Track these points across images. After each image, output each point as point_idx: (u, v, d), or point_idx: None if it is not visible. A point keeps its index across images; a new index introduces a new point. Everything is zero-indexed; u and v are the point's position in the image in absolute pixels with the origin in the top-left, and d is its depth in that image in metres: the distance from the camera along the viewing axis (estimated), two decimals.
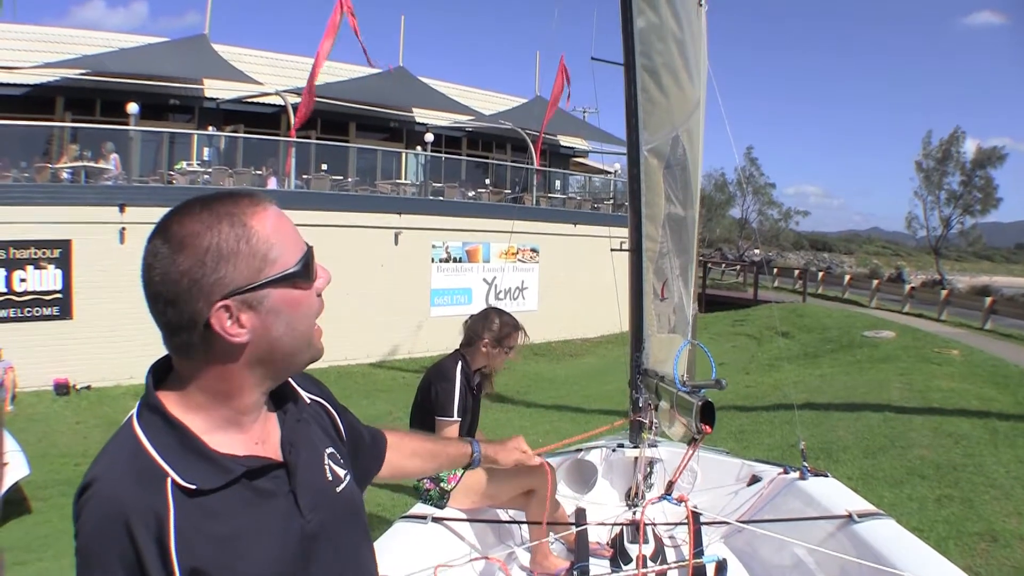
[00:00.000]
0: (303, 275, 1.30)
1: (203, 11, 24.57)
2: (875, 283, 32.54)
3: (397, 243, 21.72)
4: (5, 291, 15.97)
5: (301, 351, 1.33)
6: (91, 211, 16.92)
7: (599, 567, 3.66)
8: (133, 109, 19.02)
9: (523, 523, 4.04)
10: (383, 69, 25.64)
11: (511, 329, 4.28)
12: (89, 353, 16.45)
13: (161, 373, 1.33)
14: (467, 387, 4.18)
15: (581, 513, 4.11)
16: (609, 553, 3.84)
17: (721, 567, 3.53)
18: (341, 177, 22.59)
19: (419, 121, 27.77)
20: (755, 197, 58.25)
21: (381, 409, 14.44)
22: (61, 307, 16.58)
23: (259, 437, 1.34)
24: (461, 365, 4.19)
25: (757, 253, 53.84)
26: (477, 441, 2.25)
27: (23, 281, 16.15)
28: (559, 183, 30.61)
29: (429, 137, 25.24)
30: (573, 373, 20.75)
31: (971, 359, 16.43)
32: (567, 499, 4.35)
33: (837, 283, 35.08)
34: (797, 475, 4.16)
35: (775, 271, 39.25)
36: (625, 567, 3.64)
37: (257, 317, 1.26)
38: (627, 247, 4.36)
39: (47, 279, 16.42)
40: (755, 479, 4.37)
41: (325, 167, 22.15)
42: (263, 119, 24.41)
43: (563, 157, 34.19)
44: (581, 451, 4.65)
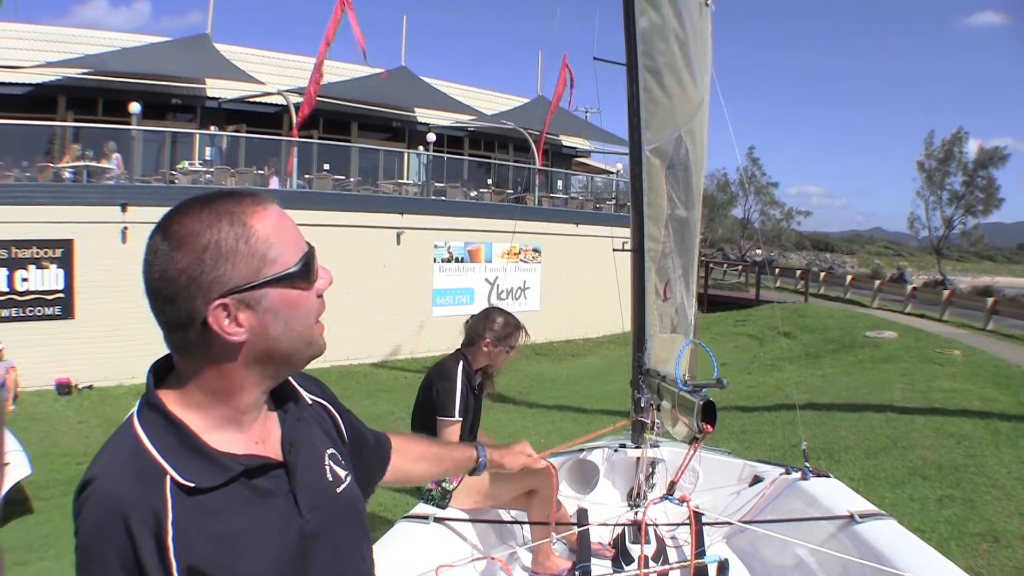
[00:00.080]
0: (302, 276, 1.30)
1: (205, 10, 24.58)
2: (877, 283, 32.51)
3: (399, 243, 21.72)
4: (7, 291, 15.97)
5: (300, 350, 1.33)
6: (93, 211, 16.91)
7: (601, 567, 3.66)
8: (135, 108, 19.01)
9: (525, 523, 4.04)
10: (379, 69, 25.64)
11: (512, 328, 4.28)
12: (91, 353, 16.45)
13: (162, 372, 1.33)
14: (468, 387, 4.18)
15: (583, 513, 4.11)
16: (611, 553, 3.84)
17: (723, 567, 3.53)
18: (343, 177, 22.58)
19: (421, 121, 27.75)
20: (757, 197, 58.19)
21: (383, 409, 14.44)
22: (63, 307, 16.57)
23: (259, 436, 1.35)
24: (463, 365, 4.19)
25: (759, 253, 53.69)
26: (482, 446, 2.25)
27: (25, 281, 16.14)
28: (561, 183, 30.60)
29: (431, 137, 25.23)
30: (575, 373, 20.74)
31: (973, 359, 16.43)
32: (569, 499, 4.35)
33: (839, 283, 35.06)
34: (799, 475, 4.16)
35: (777, 271, 39.29)
36: (627, 567, 3.64)
37: (255, 316, 1.26)
38: (629, 247, 4.35)
39: (49, 279, 16.42)
40: (757, 479, 4.37)
41: (327, 167, 22.15)
42: (265, 119, 24.42)
43: (565, 157, 34.17)
44: (583, 451, 4.65)
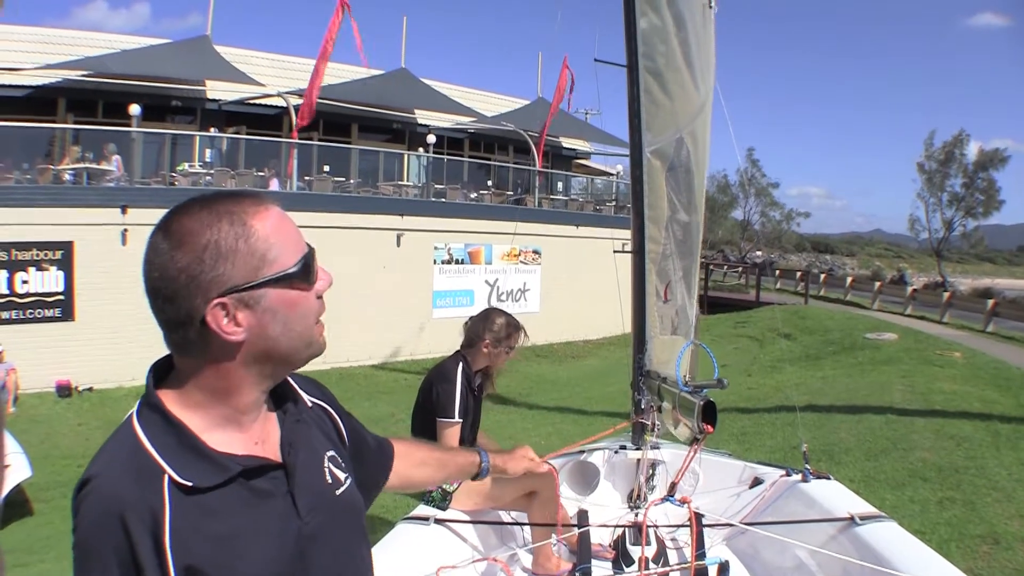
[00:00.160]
0: (302, 276, 1.30)
1: (205, 12, 24.64)
2: (877, 285, 32.47)
3: (399, 245, 21.71)
4: (7, 293, 15.97)
5: (299, 350, 1.34)
6: (93, 213, 16.90)
7: (601, 569, 3.66)
8: (135, 110, 19.04)
9: (526, 525, 4.04)
10: (379, 71, 25.67)
11: (512, 329, 4.28)
12: (91, 355, 16.45)
13: (162, 372, 1.33)
14: (468, 388, 4.19)
15: (583, 515, 4.10)
16: (611, 555, 3.84)
17: (723, 569, 3.53)
18: (343, 179, 22.59)
19: (421, 123, 27.76)
20: (757, 199, 58.19)
21: (383, 411, 14.43)
22: (63, 309, 16.57)
23: (258, 437, 1.35)
24: (462, 366, 4.19)
25: (759, 255, 53.77)
26: (485, 451, 2.25)
27: (25, 283, 16.14)
28: (561, 185, 30.58)
29: (431, 139, 25.25)
30: (575, 375, 20.74)
31: (973, 361, 16.42)
32: (570, 501, 4.34)
33: (839, 285, 35.02)
34: (799, 477, 4.16)
35: (777, 273, 39.33)
36: (627, 569, 3.64)
37: (254, 316, 1.26)
38: (630, 249, 4.36)
39: (49, 281, 16.42)
40: (757, 481, 4.37)
41: (327, 169, 22.16)
42: (265, 120, 24.42)
43: (565, 159, 34.18)
44: (584, 453, 4.65)
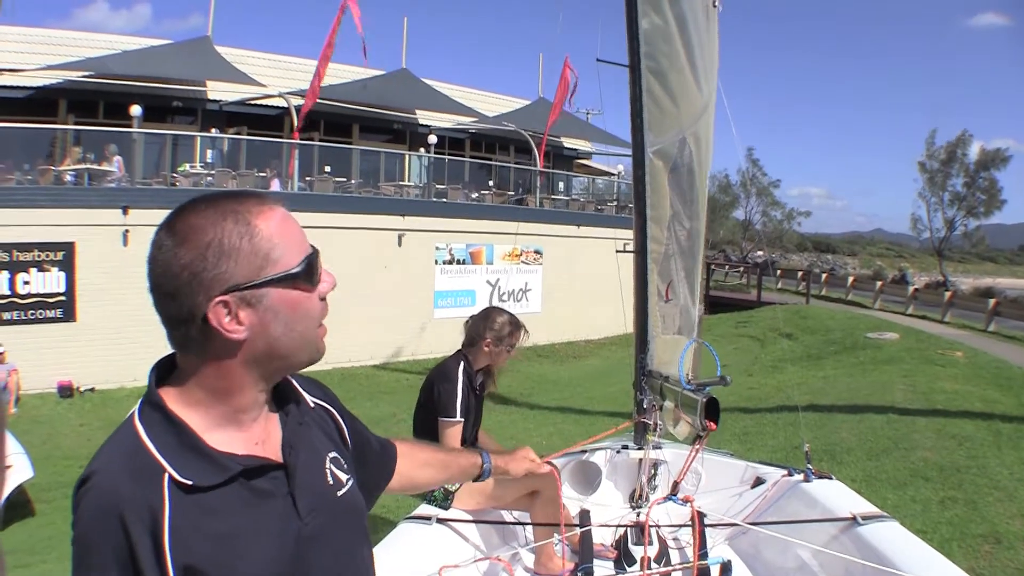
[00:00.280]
0: (305, 277, 1.30)
1: (206, 13, 24.68)
2: (879, 285, 32.43)
3: (401, 245, 21.73)
4: (8, 293, 16.00)
5: (300, 352, 1.34)
6: (94, 213, 16.94)
7: (603, 568, 3.66)
8: (136, 111, 19.08)
9: (528, 524, 4.04)
10: (380, 71, 25.69)
11: (512, 327, 4.28)
12: (93, 355, 16.47)
13: (164, 370, 1.34)
14: (470, 387, 4.19)
15: (585, 514, 4.10)
16: (613, 555, 3.84)
17: (725, 569, 3.53)
18: (344, 179, 22.60)
19: (422, 123, 27.78)
20: (759, 199, 58.20)
21: (385, 411, 14.43)
22: (64, 309, 16.59)
23: (259, 437, 1.35)
24: (463, 365, 4.19)
25: (760, 255, 53.70)
26: (487, 452, 2.25)
27: (26, 284, 16.18)
28: (562, 185, 30.61)
29: (432, 139, 25.28)
30: (577, 375, 20.74)
31: (975, 361, 16.40)
32: (572, 500, 4.34)
33: (840, 285, 34.99)
34: (801, 477, 4.16)
35: (778, 272, 39.27)
36: (629, 568, 3.64)
37: (256, 315, 1.26)
38: (631, 249, 4.36)
39: (50, 281, 16.45)
40: (759, 481, 4.37)
41: (328, 169, 22.20)
42: (266, 121, 24.43)
43: (566, 159, 34.19)
44: (586, 452, 4.65)
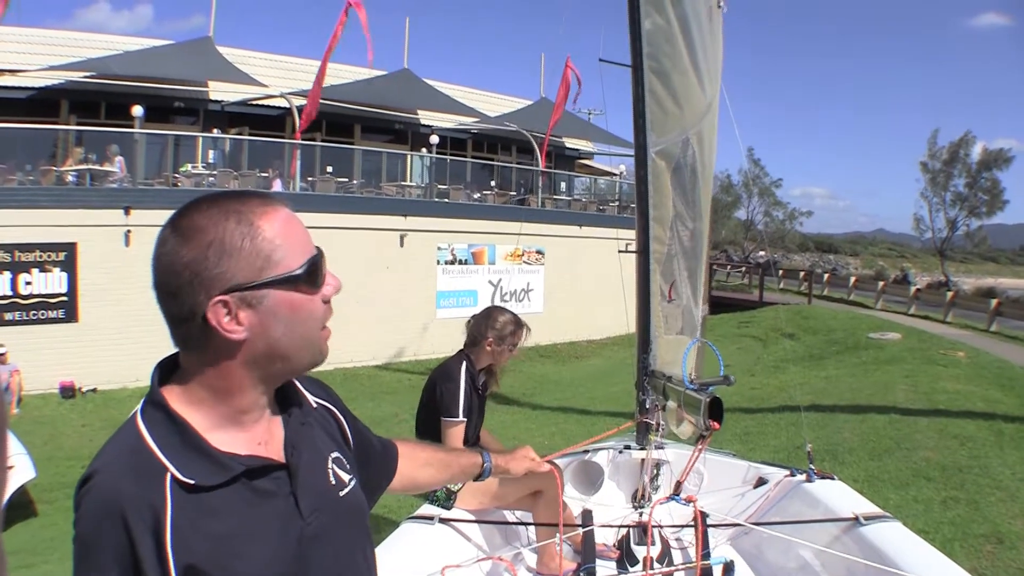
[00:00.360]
0: (306, 279, 1.30)
1: (208, 13, 24.71)
2: (881, 285, 32.42)
3: (402, 245, 21.73)
4: (10, 294, 16.01)
5: (300, 354, 1.34)
6: (96, 214, 16.95)
7: (606, 568, 3.66)
8: (138, 112, 19.09)
9: (530, 524, 4.04)
10: (382, 72, 25.71)
11: (515, 326, 4.28)
12: (95, 356, 16.47)
13: (168, 370, 1.34)
14: (472, 387, 4.18)
15: (588, 514, 4.10)
16: (616, 555, 3.83)
17: (728, 569, 3.53)
18: (346, 179, 22.63)
19: (424, 123, 27.80)
20: (761, 199, 58.18)
21: (387, 411, 14.42)
22: (66, 310, 16.60)
23: (262, 437, 1.35)
24: (466, 365, 4.19)
25: (763, 255, 53.68)
26: (488, 452, 2.26)
27: (28, 284, 16.19)
28: (564, 185, 30.61)
29: (434, 139, 25.29)
30: (579, 375, 20.73)
31: (977, 361, 16.39)
32: (574, 500, 4.34)
33: (843, 285, 35.00)
34: (803, 477, 4.16)
35: (781, 273, 39.29)
36: (632, 568, 3.64)
37: (256, 316, 1.26)
38: (634, 249, 4.35)
39: (52, 282, 16.45)
40: (761, 481, 4.37)
41: (330, 169, 22.24)
42: (268, 121, 24.45)
43: (568, 159, 34.20)
44: (588, 452, 4.65)
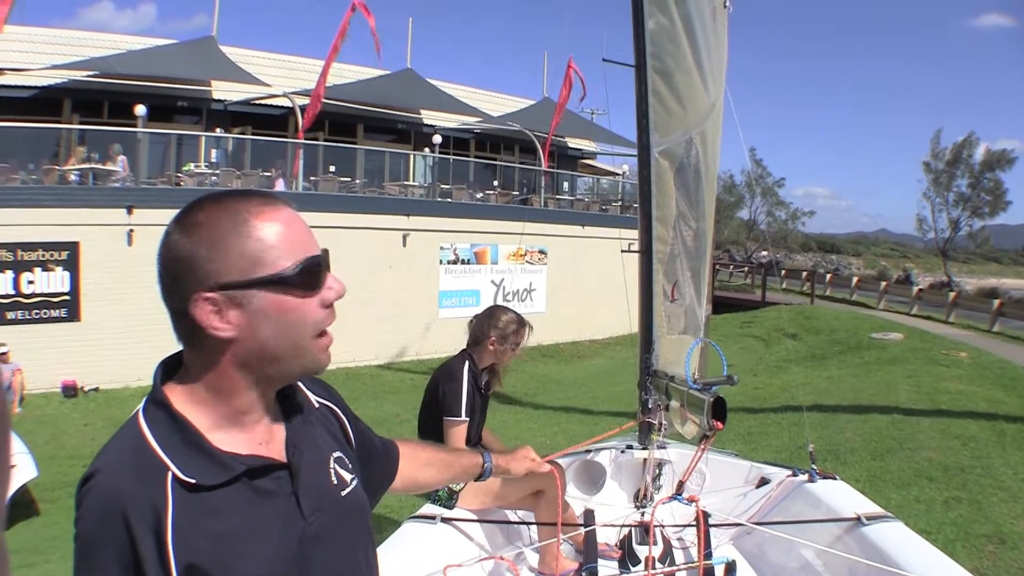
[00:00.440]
0: (297, 282, 1.28)
1: (211, 13, 24.79)
2: (883, 285, 32.43)
3: (405, 245, 21.73)
4: (13, 293, 16.02)
5: (293, 360, 1.32)
6: (99, 213, 16.96)
7: (608, 568, 3.66)
8: (141, 111, 19.11)
9: (532, 524, 4.04)
10: (385, 71, 25.77)
11: (517, 325, 4.28)
12: (97, 355, 16.48)
13: (171, 368, 1.34)
14: (475, 387, 4.18)
15: (590, 514, 4.10)
16: (618, 554, 3.83)
17: (730, 569, 3.53)
18: (349, 179, 22.65)
19: (427, 123, 27.82)
20: (763, 199, 58.24)
21: (389, 411, 14.43)
22: (69, 309, 16.62)
23: (263, 437, 1.35)
24: (469, 365, 4.19)
25: (765, 255, 53.70)
26: (488, 452, 2.26)
27: (31, 283, 16.21)
28: (567, 185, 30.61)
29: (437, 139, 25.32)
30: (581, 375, 20.73)
31: (979, 361, 16.39)
32: (576, 500, 4.35)
33: (845, 285, 35.00)
34: (806, 477, 4.16)
35: (783, 273, 39.31)
36: (634, 568, 3.64)
37: (244, 316, 1.26)
38: (636, 248, 4.35)
39: (55, 281, 16.46)
40: (764, 481, 4.37)
41: (333, 169, 22.25)
42: (271, 121, 24.48)
43: (571, 159, 34.20)
44: (590, 452, 4.65)
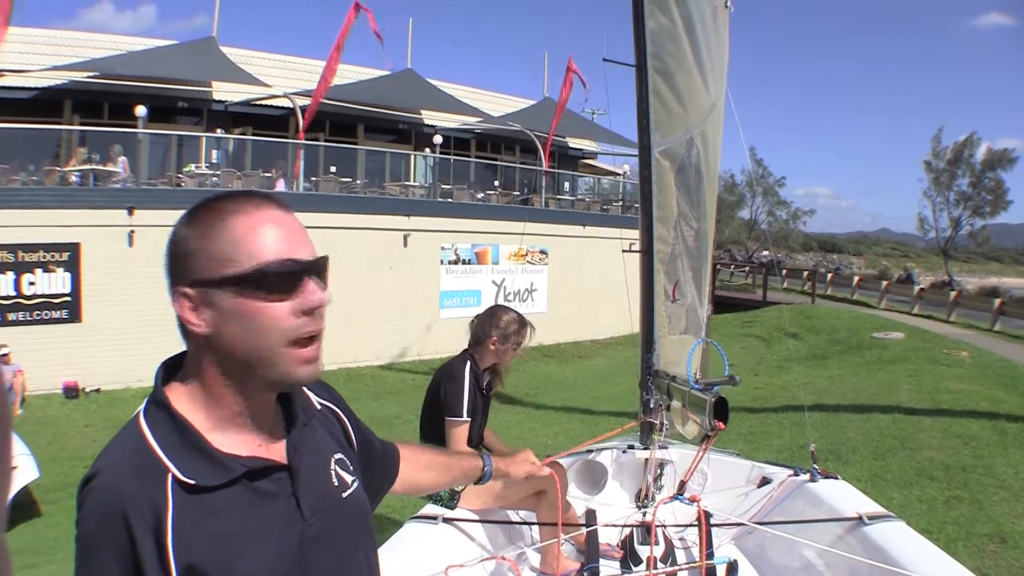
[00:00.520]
0: (259, 285, 1.26)
1: (211, 14, 24.78)
2: (884, 284, 32.46)
3: (406, 245, 21.72)
4: (14, 294, 16.02)
5: (263, 366, 1.29)
6: (100, 214, 16.95)
7: (609, 568, 3.66)
8: (141, 112, 19.09)
9: (534, 524, 4.04)
10: (385, 72, 25.80)
11: (518, 325, 4.28)
12: (98, 356, 16.47)
13: (172, 369, 1.35)
14: (477, 387, 4.18)
15: (591, 514, 4.10)
16: (619, 554, 3.83)
17: (732, 568, 3.53)
18: (350, 179, 22.65)
19: (428, 123, 27.82)
20: (764, 198, 58.27)
21: (390, 411, 14.43)
22: (70, 310, 16.60)
23: (263, 438, 1.35)
24: (470, 365, 4.18)
25: (766, 254, 53.71)
26: (488, 456, 2.27)
27: (32, 284, 16.19)
28: (568, 185, 30.60)
29: (438, 139, 25.31)
30: (582, 375, 20.72)
31: (980, 360, 16.39)
32: (577, 500, 4.35)
33: (846, 284, 35.02)
34: (807, 477, 4.16)
35: (784, 272, 39.27)
36: (635, 568, 3.64)
37: (215, 315, 1.27)
38: (637, 248, 4.35)
39: (56, 282, 16.45)
40: (765, 481, 4.37)
41: (334, 169, 22.24)
42: (271, 121, 24.47)
43: (572, 159, 34.19)
44: (592, 452, 4.65)
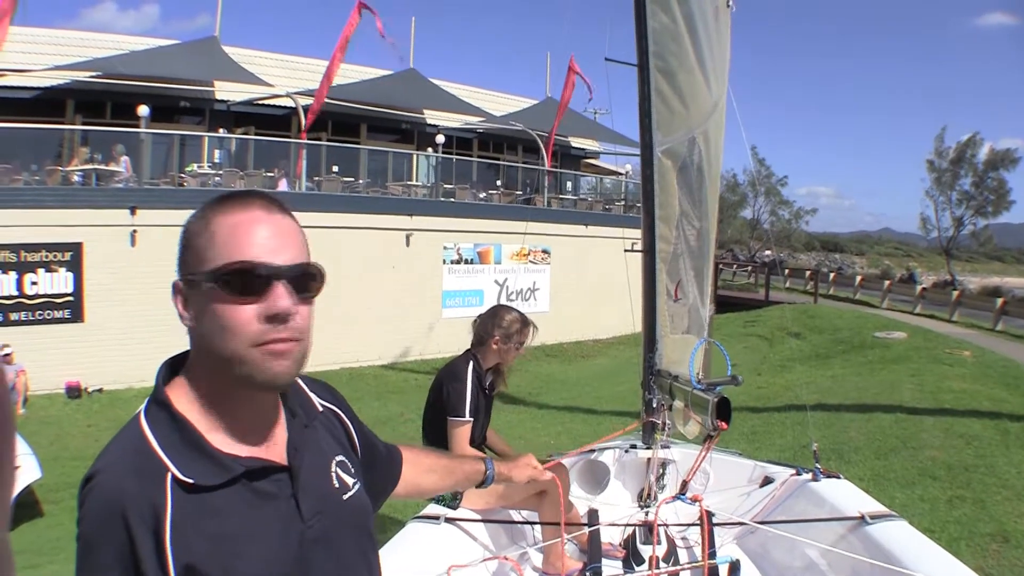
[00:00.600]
0: (220, 284, 1.27)
1: (214, 13, 24.71)
2: (886, 284, 32.48)
3: (408, 245, 21.71)
4: (16, 294, 16.01)
5: (232, 365, 1.28)
6: (102, 214, 16.94)
7: (612, 568, 3.66)
8: (144, 111, 19.07)
9: (536, 524, 4.04)
10: (388, 71, 25.80)
11: (521, 325, 4.28)
12: (101, 356, 16.47)
13: (174, 368, 1.36)
14: (479, 387, 4.18)
15: (594, 514, 4.10)
16: (622, 554, 3.84)
17: (734, 568, 3.53)
18: (352, 179, 22.64)
19: (430, 123, 27.80)
20: (766, 198, 58.22)
21: (393, 411, 14.44)
22: (72, 310, 16.60)
23: (264, 439, 1.36)
24: (473, 365, 4.19)
25: (768, 254, 53.68)
26: (490, 459, 2.28)
27: (34, 284, 16.18)
28: (570, 184, 30.57)
29: (440, 139, 25.29)
30: (585, 374, 20.71)
31: (982, 360, 16.39)
32: (580, 500, 4.35)
33: (849, 284, 35.04)
34: (809, 476, 4.16)
35: (786, 272, 39.24)
36: (638, 568, 3.64)
37: (196, 310, 1.30)
38: (640, 248, 4.35)
39: (58, 282, 16.45)
40: (767, 480, 4.37)
41: (336, 169, 22.22)
42: (274, 121, 24.46)
43: (574, 158, 34.16)
44: (594, 452, 4.65)
